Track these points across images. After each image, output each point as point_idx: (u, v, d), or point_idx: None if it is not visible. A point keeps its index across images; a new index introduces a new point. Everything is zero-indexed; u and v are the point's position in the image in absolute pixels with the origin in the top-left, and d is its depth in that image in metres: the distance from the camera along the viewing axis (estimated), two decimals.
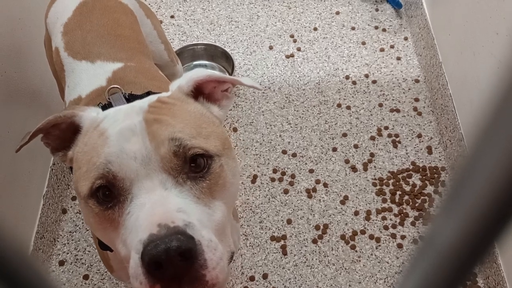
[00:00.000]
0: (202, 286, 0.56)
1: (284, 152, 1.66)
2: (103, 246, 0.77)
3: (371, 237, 1.49)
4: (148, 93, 0.86)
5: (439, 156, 1.66)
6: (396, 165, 1.63)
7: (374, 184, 1.59)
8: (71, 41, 1.07)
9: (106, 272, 1.44)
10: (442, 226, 0.20)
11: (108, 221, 0.62)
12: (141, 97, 0.85)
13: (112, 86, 0.86)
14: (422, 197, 1.56)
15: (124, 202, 0.60)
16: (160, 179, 0.60)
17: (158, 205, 0.58)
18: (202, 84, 0.73)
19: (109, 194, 0.61)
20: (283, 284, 1.42)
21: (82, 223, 1.53)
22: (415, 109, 1.76)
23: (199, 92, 0.74)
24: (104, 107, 0.84)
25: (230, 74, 1.82)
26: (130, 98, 0.84)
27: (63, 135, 0.72)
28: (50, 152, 0.74)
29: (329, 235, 1.50)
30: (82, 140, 0.68)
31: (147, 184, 0.60)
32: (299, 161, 1.64)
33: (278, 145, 1.68)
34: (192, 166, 0.62)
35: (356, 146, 1.67)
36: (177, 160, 0.61)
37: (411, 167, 1.63)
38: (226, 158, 0.66)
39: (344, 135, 1.70)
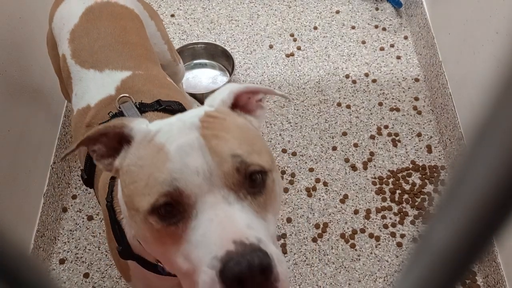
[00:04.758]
0: None
1: (284, 151, 1.66)
2: (125, 256, 0.79)
3: (371, 235, 1.50)
4: (158, 102, 0.91)
5: (439, 155, 1.66)
6: (396, 164, 1.64)
7: (374, 183, 1.60)
8: (78, 49, 1.07)
9: (106, 270, 1.44)
10: (438, 225, 0.20)
11: (169, 236, 0.62)
12: (151, 106, 0.91)
13: (122, 95, 0.89)
14: (421, 196, 1.57)
15: (188, 217, 0.60)
16: (222, 194, 0.61)
17: (226, 221, 0.59)
18: (239, 96, 0.74)
19: (172, 210, 0.61)
20: None
21: (83, 221, 1.54)
22: (415, 108, 1.77)
23: (235, 104, 0.74)
24: (115, 116, 0.88)
25: (230, 73, 1.82)
26: (141, 107, 0.88)
27: (109, 143, 0.72)
28: (94, 159, 0.74)
29: (329, 233, 1.50)
30: (134, 153, 0.67)
31: (211, 199, 0.60)
32: (299, 160, 1.65)
33: (278, 144, 1.68)
34: (250, 182, 0.63)
35: (356, 145, 1.68)
36: (238, 176, 0.62)
37: (410, 166, 1.63)
38: (275, 172, 0.68)
39: (344, 134, 1.70)
